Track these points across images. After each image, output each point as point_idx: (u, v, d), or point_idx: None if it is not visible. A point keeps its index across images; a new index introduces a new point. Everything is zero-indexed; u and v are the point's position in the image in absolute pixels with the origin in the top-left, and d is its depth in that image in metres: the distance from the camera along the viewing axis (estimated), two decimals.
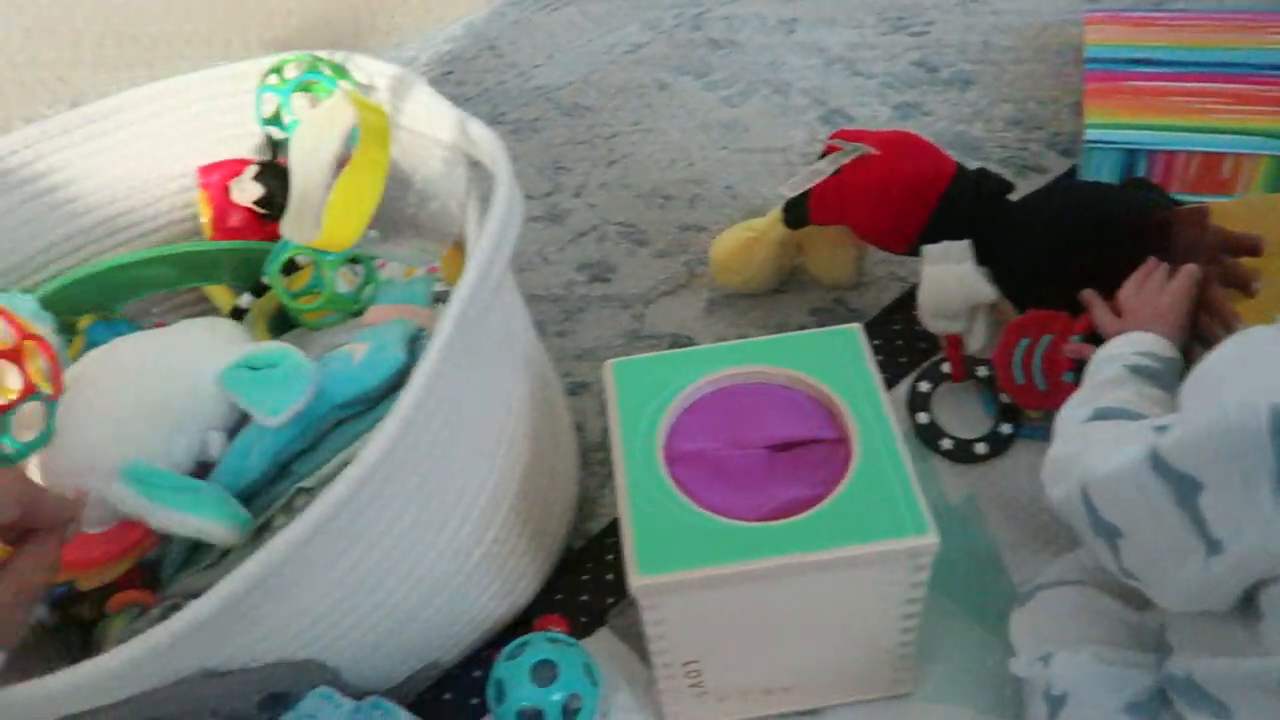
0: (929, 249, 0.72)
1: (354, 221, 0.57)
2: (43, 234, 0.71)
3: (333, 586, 0.50)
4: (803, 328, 0.82)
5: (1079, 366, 0.64)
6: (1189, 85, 0.88)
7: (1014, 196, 0.75)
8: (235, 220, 0.71)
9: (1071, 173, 0.88)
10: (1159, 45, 0.93)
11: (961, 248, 0.71)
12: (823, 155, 0.78)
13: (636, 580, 0.48)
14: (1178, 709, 0.46)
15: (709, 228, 0.92)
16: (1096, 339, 0.61)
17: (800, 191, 0.75)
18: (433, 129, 0.65)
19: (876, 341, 0.77)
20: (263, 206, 0.70)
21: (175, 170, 0.74)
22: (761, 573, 0.48)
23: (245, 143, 0.74)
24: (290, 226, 0.61)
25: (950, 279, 0.71)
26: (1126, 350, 0.54)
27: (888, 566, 0.49)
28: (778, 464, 0.53)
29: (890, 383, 0.74)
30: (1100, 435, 0.49)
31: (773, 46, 1.10)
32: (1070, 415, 0.52)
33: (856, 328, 0.58)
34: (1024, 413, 0.70)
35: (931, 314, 0.73)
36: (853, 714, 0.59)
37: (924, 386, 0.73)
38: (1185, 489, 0.42)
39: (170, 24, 1.32)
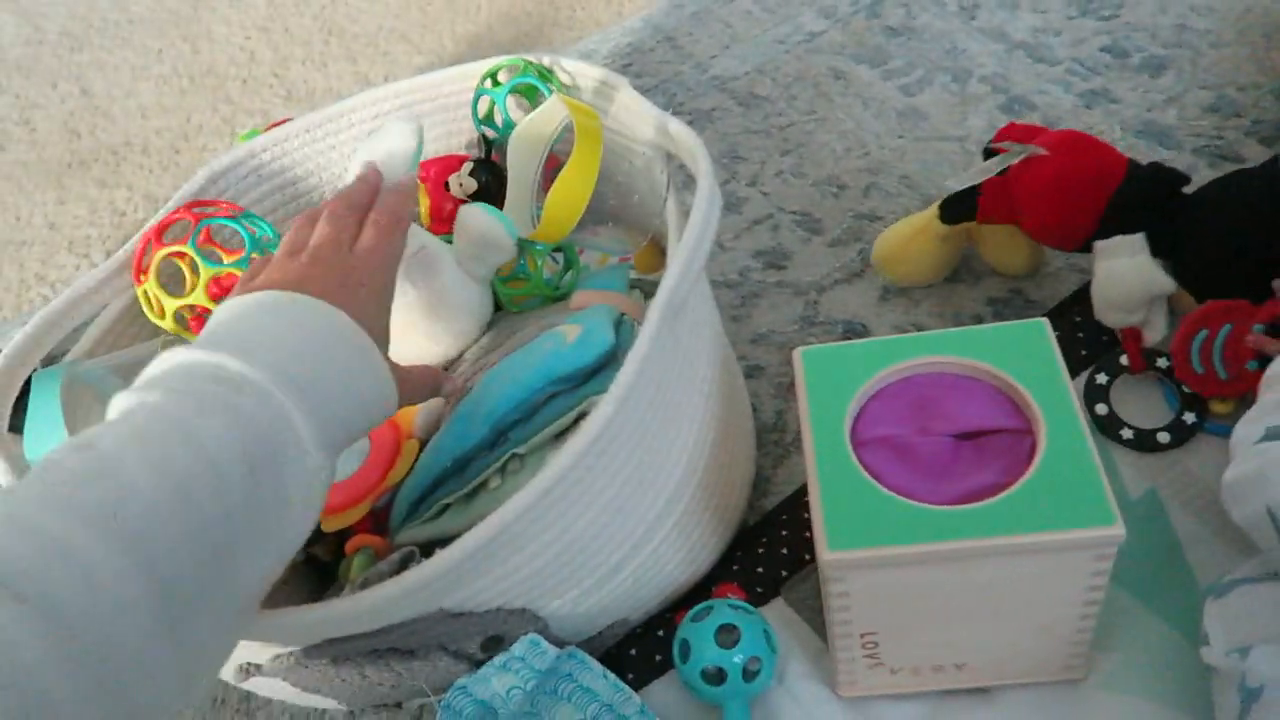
0: (1102, 243, 0.72)
1: (569, 217, 0.63)
2: (283, 221, 0.80)
3: (548, 546, 0.56)
4: (979, 318, 0.83)
5: (1263, 355, 0.63)
6: None
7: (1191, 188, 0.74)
8: (450, 211, 0.79)
9: (1275, 161, 0.84)
10: None
11: (1137, 240, 0.70)
12: (987, 154, 0.79)
13: (826, 555, 0.52)
14: None
15: (884, 217, 0.93)
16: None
17: (965, 188, 0.76)
18: (635, 127, 0.69)
19: (1055, 333, 0.77)
20: (475, 199, 0.76)
21: None
22: (946, 554, 0.51)
23: (458, 140, 0.81)
24: (509, 215, 0.67)
25: (1127, 271, 0.71)
26: None
27: (1072, 555, 0.51)
28: (963, 452, 0.56)
29: (1070, 374, 0.75)
30: (1277, 455, 0.49)
31: (952, 33, 1.10)
32: (1244, 435, 0.53)
33: (1043, 322, 0.60)
34: (1208, 405, 0.70)
35: (1108, 307, 0.73)
36: (1023, 695, 0.61)
37: (1101, 379, 0.73)
38: None
39: (371, 21, 1.43)
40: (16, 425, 0.63)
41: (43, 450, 0.59)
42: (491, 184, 0.75)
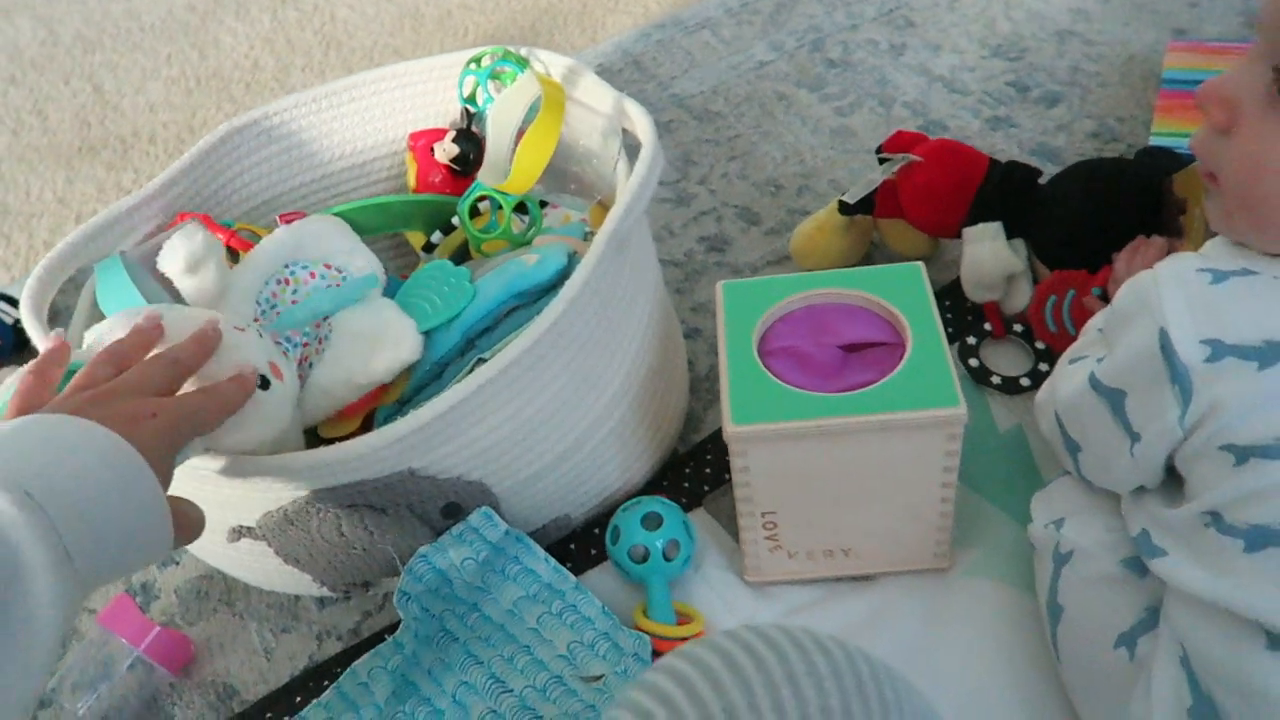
0: (968, 231, 0.87)
1: (533, 170, 0.75)
2: (289, 179, 0.92)
3: (502, 423, 0.67)
4: None
5: None
6: None
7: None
8: (435, 176, 0.91)
9: (1107, 159, 0.98)
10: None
11: (994, 227, 0.86)
12: (879, 152, 0.95)
13: (730, 428, 0.63)
14: (1143, 561, 0.58)
15: (813, 212, 1.07)
16: None
17: (859, 199, 0.91)
18: (595, 105, 0.82)
19: (946, 302, 0.91)
20: (458, 164, 0.89)
21: (389, 136, 0.94)
22: (829, 429, 0.63)
23: (445, 117, 0.94)
24: (486, 174, 0.80)
25: (986, 254, 0.86)
26: (1101, 319, 0.68)
27: (927, 432, 0.63)
28: (849, 359, 0.68)
29: (954, 338, 0.88)
30: (1064, 373, 0.64)
31: (882, 67, 1.25)
32: (1056, 369, 0.67)
33: (919, 265, 0.72)
34: (1057, 358, 0.84)
35: (973, 285, 0.88)
36: (899, 581, 0.73)
37: (971, 340, 0.87)
38: (1116, 399, 0.57)
39: (369, 38, 1.57)
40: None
41: None
42: (469, 151, 0.88)
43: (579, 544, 0.79)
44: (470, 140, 0.89)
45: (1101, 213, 0.82)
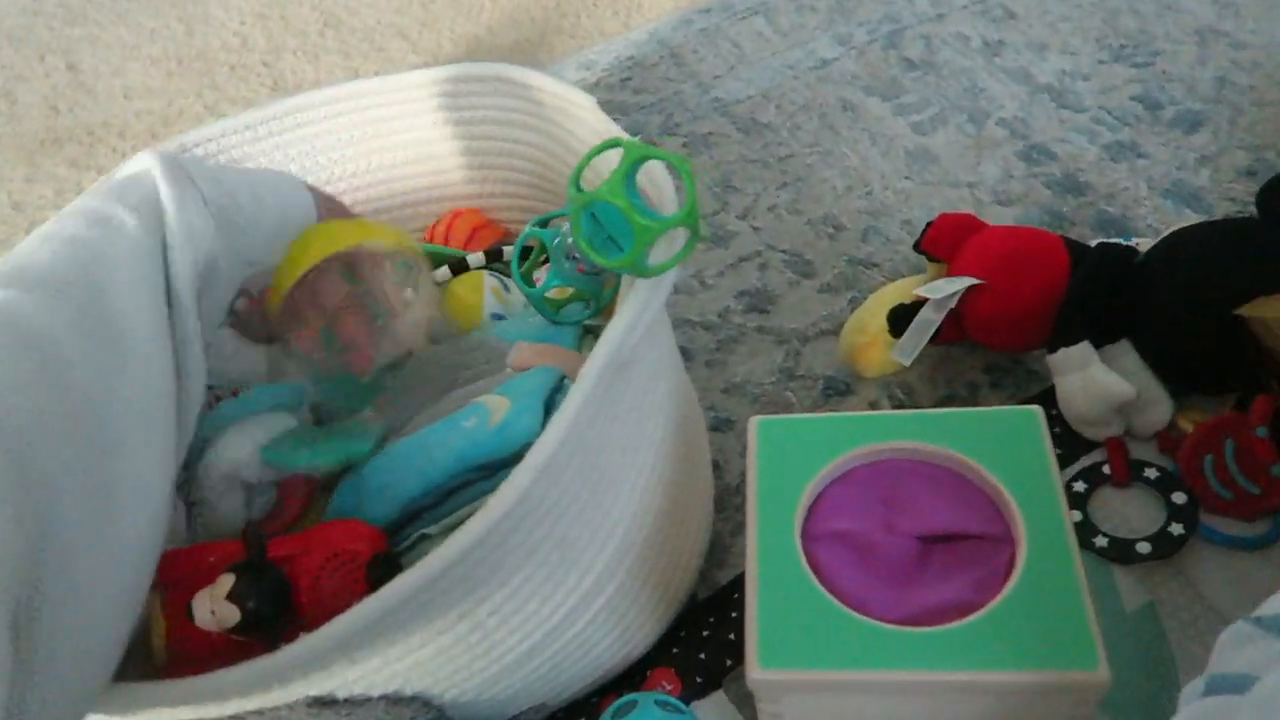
0: (1051, 360, 0.67)
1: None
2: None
3: (446, 629, 0.48)
4: (974, 385, 0.75)
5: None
6: None
7: None
8: None
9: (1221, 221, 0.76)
10: None
11: (1082, 352, 0.65)
12: (916, 247, 0.76)
13: (755, 673, 0.44)
14: None
15: (881, 264, 0.86)
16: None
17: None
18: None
19: (1053, 411, 0.69)
20: (242, 630, 0.50)
21: (346, 170, 0.75)
22: (899, 685, 0.43)
23: (409, 147, 0.74)
24: None
25: (1078, 388, 0.65)
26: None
27: (1046, 700, 0.43)
28: (931, 558, 0.48)
29: (1065, 461, 0.67)
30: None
31: (973, 70, 1.02)
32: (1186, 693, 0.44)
33: (1036, 410, 0.52)
34: (1199, 514, 0.63)
35: (1077, 422, 0.67)
36: None
37: (1079, 488, 0.66)
38: None
39: (371, 15, 1.37)
40: None
41: None
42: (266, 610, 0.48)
43: None
44: (259, 587, 0.48)
45: (1222, 307, 0.60)
